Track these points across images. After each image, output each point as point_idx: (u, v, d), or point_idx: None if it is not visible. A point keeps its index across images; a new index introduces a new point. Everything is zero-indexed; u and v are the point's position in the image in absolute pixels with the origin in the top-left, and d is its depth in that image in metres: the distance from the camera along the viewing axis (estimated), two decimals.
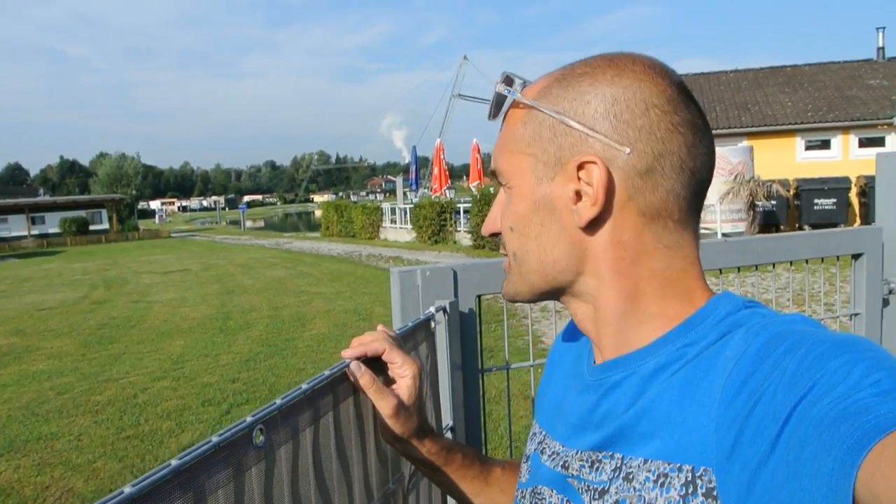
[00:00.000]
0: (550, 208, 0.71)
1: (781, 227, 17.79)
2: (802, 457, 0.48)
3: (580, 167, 0.68)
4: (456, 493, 0.99)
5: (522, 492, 0.85)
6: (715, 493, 0.58)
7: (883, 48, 24.25)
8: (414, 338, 1.12)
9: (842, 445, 0.45)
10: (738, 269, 1.72)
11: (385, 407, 0.89)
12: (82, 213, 44.13)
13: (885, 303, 1.93)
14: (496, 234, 0.80)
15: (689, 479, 0.60)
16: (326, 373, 0.84)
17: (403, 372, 0.92)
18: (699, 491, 0.59)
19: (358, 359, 0.89)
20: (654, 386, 0.67)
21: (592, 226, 0.69)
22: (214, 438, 0.65)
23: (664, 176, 0.68)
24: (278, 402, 0.74)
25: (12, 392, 7.72)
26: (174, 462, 0.60)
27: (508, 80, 0.76)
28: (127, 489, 0.55)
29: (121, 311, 13.30)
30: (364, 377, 0.88)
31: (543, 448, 0.83)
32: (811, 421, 0.49)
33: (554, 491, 0.77)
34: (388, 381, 0.92)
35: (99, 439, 6.00)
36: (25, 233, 41.88)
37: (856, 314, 1.92)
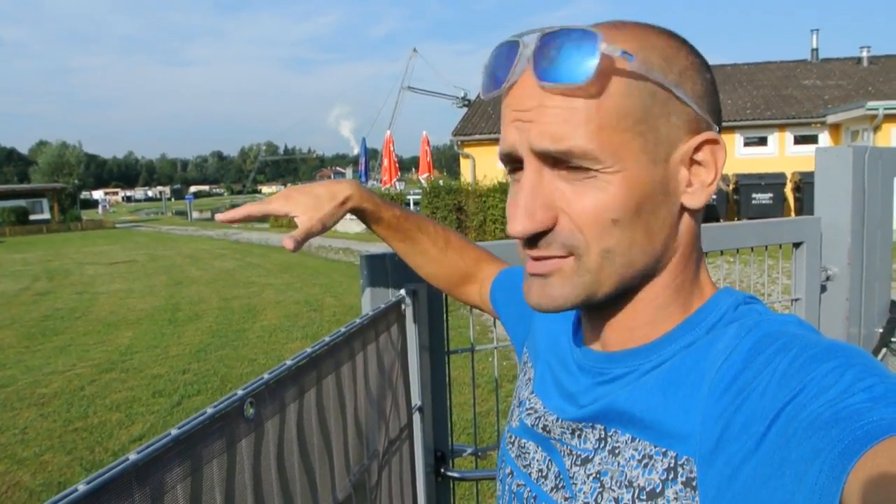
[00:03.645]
0: (665, 192, 0.65)
1: (721, 221, 18.25)
2: (789, 457, 0.49)
3: (699, 147, 0.65)
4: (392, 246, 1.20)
5: (512, 437, 0.85)
6: (694, 484, 0.58)
7: (817, 49, 25.01)
8: (386, 319, 1.16)
9: (832, 449, 0.45)
10: None
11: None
12: (22, 203, 42.54)
13: (823, 288, 2.04)
14: (536, 234, 0.66)
15: (672, 465, 0.61)
16: (308, 350, 0.87)
17: (294, 214, 1.07)
18: (679, 479, 0.60)
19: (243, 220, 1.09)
20: (647, 378, 0.67)
21: (695, 210, 0.67)
22: (209, 410, 0.68)
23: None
24: (266, 376, 0.78)
25: None
26: (174, 431, 0.63)
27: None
28: (132, 456, 0.58)
29: (65, 302, 12.95)
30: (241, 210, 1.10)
31: (529, 397, 0.84)
32: (800, 422, 0.49)
33: (539, 448, 0.79)
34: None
35: (46, 432, 5.87)
36: None
37: (796, 299, 2.02)
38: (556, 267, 0.67)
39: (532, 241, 0.67)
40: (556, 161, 0.64)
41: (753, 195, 18.11)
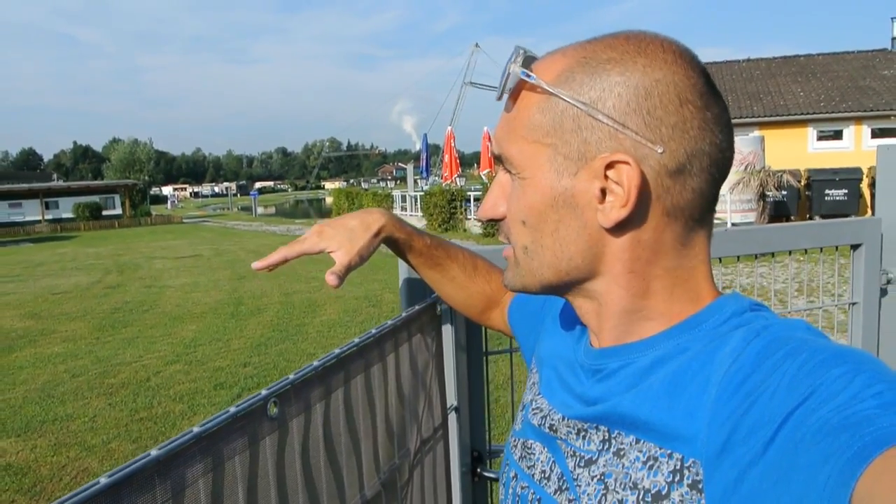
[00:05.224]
0: (571, 205, 0.68)
1: (792, 218, 17.61)
2: (797, 462, 0.48)
3: (609, 166, 0.65)
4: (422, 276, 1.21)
5: (515, 440, 0.87)
6: (700, 486, 0.58)
7: None
8: (420, 320, 1.17)
9: (841, 455, 0.45)
10: (738, 257, 1.76)
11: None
12: (95, 199, 44.22)
13: (884, 292, 1.96)
14: (494, 220, 0.77)
15: (678, 467, 0.61)
16: (336, 351, 0.89)
17: (330, 249, 1.05)
18: (685, 481, 0.60)
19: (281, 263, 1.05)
20: (649, 377, 0.67)
21: (617, 227, 0.66)
22: (232, 409, 0.70)
23: (693, 175, 0.65)
24: (291, 377, 0.80)
25: (28, 374, 7.83)
26: (196, 429, 0.65)
27: (527, 61, 0.70)
28: (153, 452, 0.61)
29: (134, 295, 13.41)
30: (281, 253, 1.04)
31: (534, 399, 0.85)
32: (809, 427, 0.49)
33: (545, 449, 0.79)
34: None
35: (113, 421, 6.09)
36: (39, 217, 41.98)
37: (854, 303, 1.95)
38: (507, 253, 0.77)
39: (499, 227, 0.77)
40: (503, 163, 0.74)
41: (827, 191, 17.43)
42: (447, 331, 1.28)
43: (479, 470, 1.42)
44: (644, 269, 0.68)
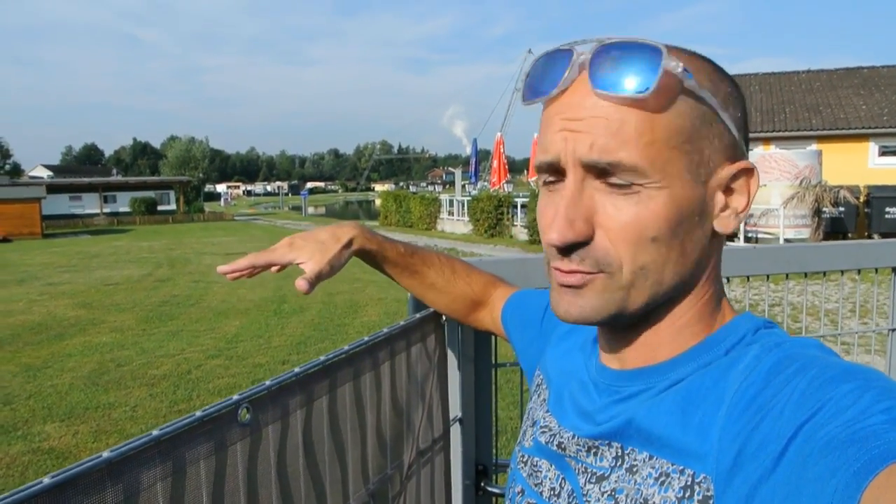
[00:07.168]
0: (701, 213, 0.65)
1: (850, 235, 17.18)
2: (805, 476, 0.48)
3: (737, 175, 0.66)
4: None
5: (524, 457, 0.85)
6: (711, 502, 0.58)
7: None
8: (421, 329, 1.15)
9: (848, 469, 0.45)
10: (768, 276, 1.69)
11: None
12: (151, 194, 45.55)
13: None
14: (575, 245, 0.65)
15: (689, 483, 0.61)
16: (321, 358, 0.87)
17: (299, 260, 1.05)
18: (696, 497, 0.60)
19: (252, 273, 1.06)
20: (665, 396, 0.67)
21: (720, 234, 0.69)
22: (198, 413, 0.69)
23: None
24: (268, 382, 0.78)
25: (76, 362, 8.05)
26: (155, 432, 0.64)
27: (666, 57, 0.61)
28: (105, 454, 0.59)
29: (182, 289, 13.68)
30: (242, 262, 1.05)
31: (543, 416, 0.84)
32: (817, 442, 0.49)
33: (553, 466, 0.78)
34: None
35: (153, 411, 6.21)
36: (98, 211, 43.38)
37: (893, 330, 1.87)
38: (588, 280, 0.66)
39: (565, 252, 0.66)
40: (601, 173, 0.63)
41: (888, 209, 16.87)
42: (453, 341, 1.25)
43: (482, 484, 1.39)
44: (711, 274, 0.70)
